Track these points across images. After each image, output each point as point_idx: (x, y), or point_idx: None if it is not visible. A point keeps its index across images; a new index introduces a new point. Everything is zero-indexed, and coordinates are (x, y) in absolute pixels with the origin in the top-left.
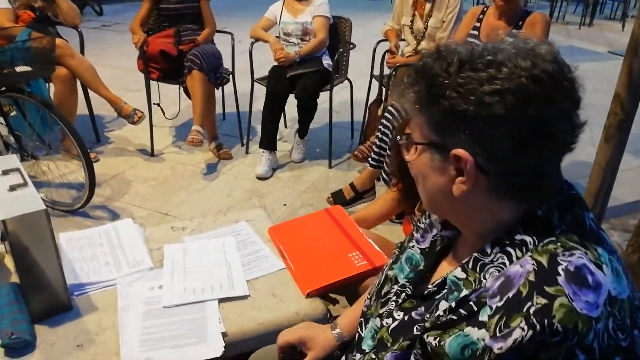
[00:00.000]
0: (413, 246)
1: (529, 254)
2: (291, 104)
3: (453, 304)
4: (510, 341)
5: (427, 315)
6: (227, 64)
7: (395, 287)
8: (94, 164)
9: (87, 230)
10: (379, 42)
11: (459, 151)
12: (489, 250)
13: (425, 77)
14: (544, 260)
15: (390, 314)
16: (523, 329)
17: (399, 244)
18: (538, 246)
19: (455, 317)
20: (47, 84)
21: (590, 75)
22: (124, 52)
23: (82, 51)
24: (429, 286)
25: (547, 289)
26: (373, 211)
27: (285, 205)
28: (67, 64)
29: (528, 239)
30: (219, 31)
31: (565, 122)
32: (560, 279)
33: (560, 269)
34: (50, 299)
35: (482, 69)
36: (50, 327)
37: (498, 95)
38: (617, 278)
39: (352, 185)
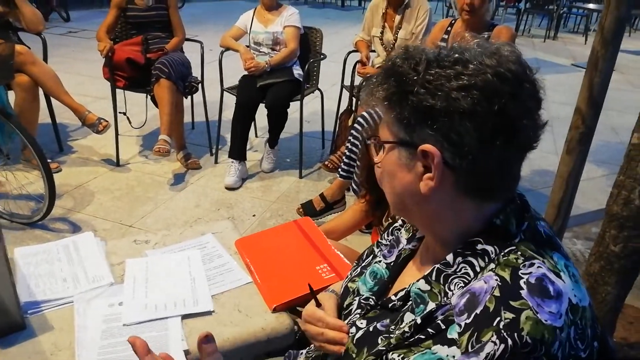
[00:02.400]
0: (380, 261)
1: (492, 266)
2: (261, 114)
3: (419, 320)
4: (482, 355)
5: (392, 327)
6: (196, 72)
7: (358, 298)
8: (56, 174)
9: (44, 245)
10: (349, 52)
11: (427, 146)
12: (451, 261)
13: (394, 75)
14: (506, 275)
15: (353, 324)
16: (495, 343)
17: (358, 258)
18: (499, 256)
19: (422, 336)
20: (7, 92)
21: (555, 87)
22: (90, 60)
23: (45, 58)
24: (392, 297)
25: (512, 303)
26: (342, 222)
27: (254, 216)
28: (29, 71)
29: (490, 248)
30: (188, 39)
31: (529, 119)
32: (524, 293)
33: (522, 282)
34: (1, 318)
35: (449, 66)
36: (3, 348)
37: (465, 90)
38: (576, 285)
39: (322, 196)
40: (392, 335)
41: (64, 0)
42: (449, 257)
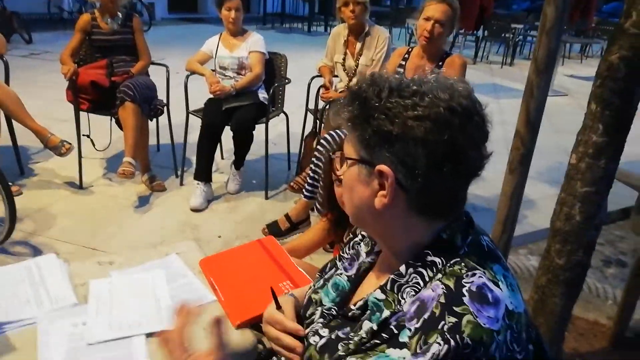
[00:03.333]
0: (341, 274)
1: (439, 275)
2: (227, 136)
3: (375, 327)
4: (428, 355)
5: (352, 334)
6: (162, 95)
7: (320, 309)
8: (17, 197)
9: (7, 267)
10: (313, 77)
11: (383, 167)
12: (404, 272)
13: (359, 99)
14: (451, 283)
15: (316, 332)
16: (439, 344)
17: (321, 269)
18: (446, 266)
19: (377, 341)
20: None
21: (511, 111)
22: (54, 82)
23: (7, 81)
24: (352, 307)
25: (455, 308)
26: (305, 241)
27: (220, 237)
28: None
29: (437, 259)
30: (154, 63)
31: (475, 150)
32: (465, 299)
33: (464, 290)
34: None
35: (408, 97)
36: None
37: (419, 120)
38: (512, 293)
39: (287, 216)
40: (351, 342)
41: (25, 22)
42: (402, 268)
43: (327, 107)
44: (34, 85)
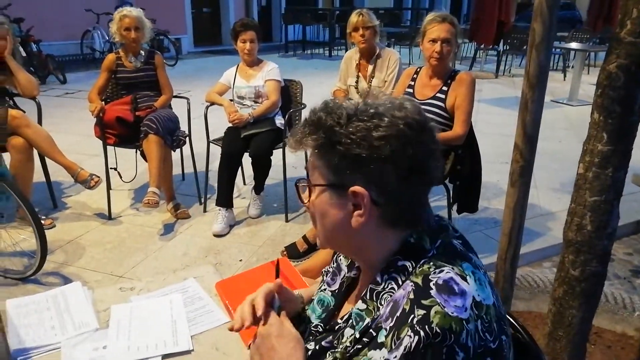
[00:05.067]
0: (325, 289)
1: (410, 277)
2: (249, 162)
3: (357, 335)
4: (401, 349)
5: (335, 342)
6: (184, 126)
7: (309, 326)
8: (50, 230)
9: (35, 296)
10: None
11: (357, 188)
12: (379, 280)
13: (322, 127)
14: (419, 280)
15: (305, 348)
16: (410, 337)
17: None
18: (416, 268)
19: (360, 346)
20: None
21: None
22: (85, 119)
23: (39, 121)
24: (338, 321)
25: (423, 302)
26: (317, 261)
27: (241, 260)
28: (24, 134)
29: (408, 263)
30: (176, 96)
31: (433, 160)
32: (433, 292)
33: (431, 284)
34: None
35: (368, 120)
36: None
37: (384, 139)
38: (480, 287)
39: (304, 237)
40: (337, 351)
41: (60, 63)
42: (378, 277)
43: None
44: (68, 123)
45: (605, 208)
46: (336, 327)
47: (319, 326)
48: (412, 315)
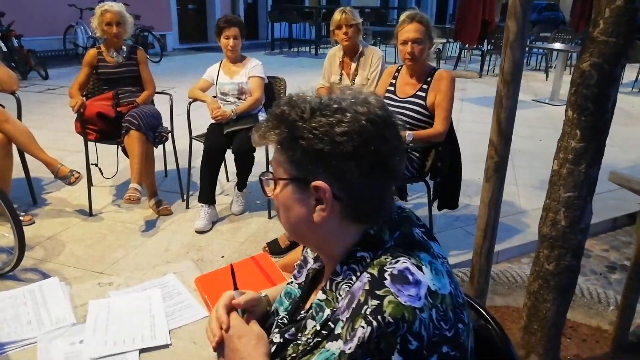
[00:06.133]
0: (292, 282)
1: (368, 268)
2: (232, 159)
3: (318, 327)
4: (355, 340)
5: (298, 334)
6: (167, 123)
7: (276, 319)
8: (30, 226)
9: (11, 291)
10: None
11: (319, 183)
12: (339, 270)
13: (284, 122)
14: (375, 271)
15: (271, 342)
16: (363, 327)
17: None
18: (373, 260)
19: (319, 339)
20: None
21: (517, 122)
22: (66, 115)
23: (19, 116)
24: (302, 313)
25: (377, 292)
26: (297, 256)
27: (223, 257)
28: (2, 129)
29: (366, 254)
30: (158, 92)
31: (397, 155)
32: (387, 282)
33: (386, 274)
34: None
35: (331, 115)
36: None
37: (346, 135)
38: (436, 276)
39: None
40: (299, 343)
41: (42, 59)
42: (338, 268)
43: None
44: (49, 119)
45: (578, 204)
46: (299, 318)
47: (285, 318)
48: (366, 306)
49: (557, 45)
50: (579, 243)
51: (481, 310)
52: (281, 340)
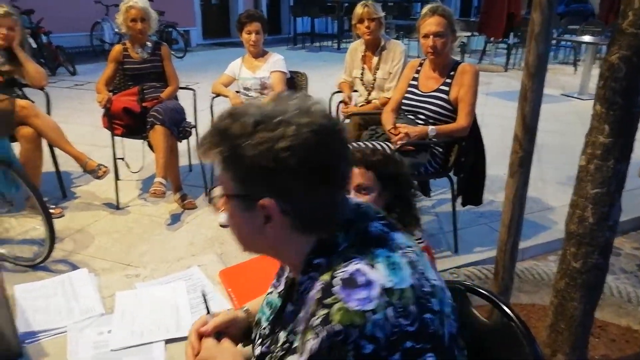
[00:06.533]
0: (272, 292)
1: (322, 275)
2: None
3: (285, 338)
4: (306, 354)
5: (272, 346)
6: (191, 117)
7: (259, 331)
8: (59, 218)
9: (42, 282)
10: (333, 93)
11: (264, 201)
12: (301, 280)
13: (226, 138)
14: (327, 277)
15: (254, 354)
16: (311, 340)
17: None
18: (327, 266)
19: (283, 352)
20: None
21: (545, 117)
22: (94, 110)
23: (48, 111)
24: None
25: (326, 301)
26: None
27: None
28: (32, 124)
29: (321, 260)
30: (182, 88)
31: (343, 162)
32: (336, 289)
33: (336, 280)
34: (0, 348)
35: (273, 129)
36: None
37: (290, 150)
38: (393, 271)
39: None
40: (272, 355)
41: (70, 55)
42: (299, 277)
43: (348, 121)
44: (77, 114)
45: (606, 200)
46: (276, 330)
47: (267, 329)
48: (314, 317)
49: (586, 38)
50: (607, 240)
51: (504, 307)
52: (260, 353)
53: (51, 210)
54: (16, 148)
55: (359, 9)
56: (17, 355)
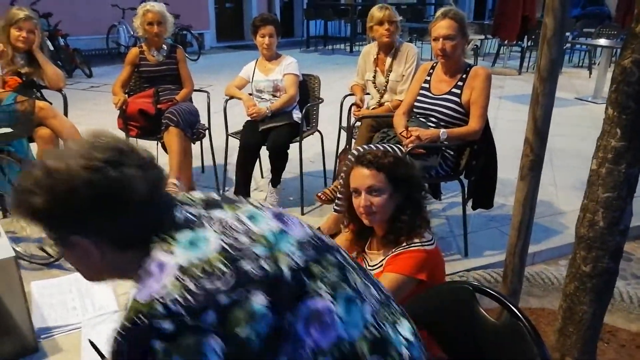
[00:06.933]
0: None
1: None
2: (267, 155)
3: None
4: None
5: None
6: (205, 119)
7: None
8: None
9: (57, 279)
10: (345, 96)
11: (74, 239)
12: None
13: (22, 203)
14: (135, 280)
15: None
16: (110, 347)
17: None
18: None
19: None
20: (29, 144)
21: (557, 121)
22: (110, 112)
23: (65, 112)
24: None
25: (127, 306)
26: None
27: None
28: (50, 125)
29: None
30: (196, 90)
31: (139, 180)
32: (135, 289)
33: (139, 278)
34: (17, 342)
35: (59, 179)
36: None
37: (75, 194)
38: (192, 246)
39: (318, 229)
40: None
41: (87, 57)
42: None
43: (359, 124)
44: (93, 116)
45: (618, 204)
46: None
47: None
48: (116, 328)
49: (602, 41)
50: (618, 245)
51: (513, 309)
52: None
53: None
54: (33, 148)
55: (378, 12)
56: (33, 350)
